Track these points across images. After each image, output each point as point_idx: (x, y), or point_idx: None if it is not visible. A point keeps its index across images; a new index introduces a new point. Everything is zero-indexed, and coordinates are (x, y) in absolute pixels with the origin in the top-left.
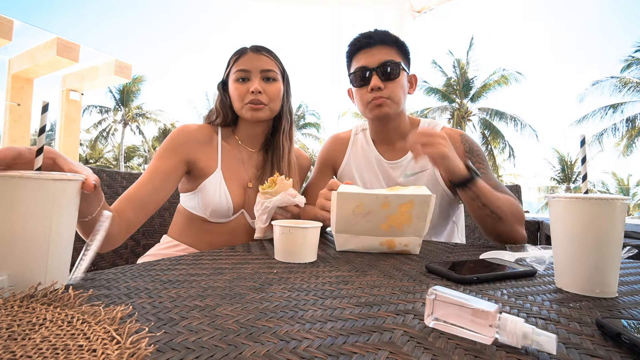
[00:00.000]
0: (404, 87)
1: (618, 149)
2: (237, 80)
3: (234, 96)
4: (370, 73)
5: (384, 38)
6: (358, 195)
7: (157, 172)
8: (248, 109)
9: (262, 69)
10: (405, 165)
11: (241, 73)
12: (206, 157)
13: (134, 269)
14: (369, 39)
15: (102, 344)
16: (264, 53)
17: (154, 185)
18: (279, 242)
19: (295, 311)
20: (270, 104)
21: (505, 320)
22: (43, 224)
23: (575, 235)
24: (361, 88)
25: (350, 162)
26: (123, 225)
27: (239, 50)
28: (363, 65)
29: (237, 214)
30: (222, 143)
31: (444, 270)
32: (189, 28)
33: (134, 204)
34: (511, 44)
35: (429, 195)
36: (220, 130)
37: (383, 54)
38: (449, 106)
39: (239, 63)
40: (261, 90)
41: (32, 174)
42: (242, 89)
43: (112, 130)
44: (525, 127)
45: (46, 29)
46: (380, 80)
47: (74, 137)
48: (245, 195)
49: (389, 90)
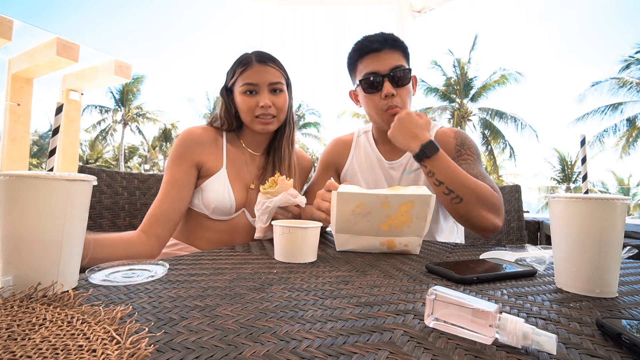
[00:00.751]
0: (411, 92)
1: (618, 148)
2: (244, 93)
3: (243, 108)
4: (382, 79)
5: (392, 42)
6: (358, 195)
7: (172, 184)
8: (258, 122)
9: (270, 82)
10: (405, 164)
11: (249, 87)
12: (213, 158)
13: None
14: (377, 43)
15: (102, 344)
16: (270, 64)
17: (173, 197)
18: (279, 242)
19: (295, 311)
20: (279, 115)
21: (505, 320)
22: (56, 223)
23: (575, 235)
24: (373, 94)
25: (353, 165)
26: (153, 241)
27: (243, 60)
28: (373, 70)
29: (238, 213)
30: (227, 145)
31: (444, 270)
32: (189, 28)
33: (159, 220)
34: (511, 43)
35: (429, 195)
36: (225, 134)
37: (392, 59)
38: (449, 106)
39: (246, 76)
40: (271, 104)
41: (45, 174)
42: (251, 102)
43: (112, 130)
44: (525, 127)
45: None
46: (392, 87)
47: (73, 137)
48: (247, 195)
49: (401, 96)
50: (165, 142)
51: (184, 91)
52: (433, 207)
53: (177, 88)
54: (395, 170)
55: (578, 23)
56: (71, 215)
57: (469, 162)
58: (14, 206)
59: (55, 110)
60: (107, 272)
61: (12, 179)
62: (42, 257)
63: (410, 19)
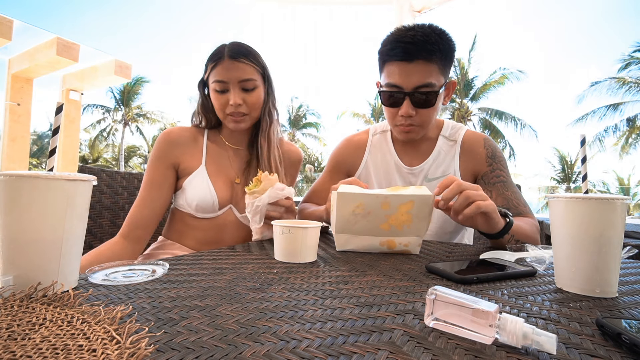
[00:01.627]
0: (438, 109)
1: (618, 148)
2: (215, 91)
3: (215, 106)
4: (403, 97)
5: (426, 52)
6: (358, 195)
7: (150, 185)
8: (230, 120)
9: (240, 79)
10: (426, 170)
11: (219, 84)
12: (190, 157)
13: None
14: (407, 51)
15: (102, 344)
16: (242, 59)
17: (152, 197)
18: (279, 242)
19: (295, 311)
20: (251, 113)
21: (505, 320)
22: (56, 223)
23: (575, 235)
24: (391, 108)
25: (368, 168)
26: (134, 244)
27: (216, 55)
28: (397, 84)
29: (225, 209)
30: (207, 143)
31: (444, 270)
32: (189, 28)
33: (138, 222)
34: (511, 43)
35: (429, 195)
36: (207, 131)
37: (422, 73)
38: (449, 106)
39: (217, 72)
40: (241, 102)
41: (45, 174)
42: (222, 99)
43: (112, 130)
44: (525, 127)
45: (46, 29)
46: (413, 107)
47: (73, 136)
48: (232, 191)
49: (421, 117)
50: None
51: (184, 91)
52: (433, 207)
53: (177, 88)
54: (416, 176)
55: (579, 22)
56: (71, 215)
57: (502, 181)
58: (14, 206)
59: (55, 110)
60: (107, 272)
61: (12, 179)
62: (42, 257)
63: (410, 19)
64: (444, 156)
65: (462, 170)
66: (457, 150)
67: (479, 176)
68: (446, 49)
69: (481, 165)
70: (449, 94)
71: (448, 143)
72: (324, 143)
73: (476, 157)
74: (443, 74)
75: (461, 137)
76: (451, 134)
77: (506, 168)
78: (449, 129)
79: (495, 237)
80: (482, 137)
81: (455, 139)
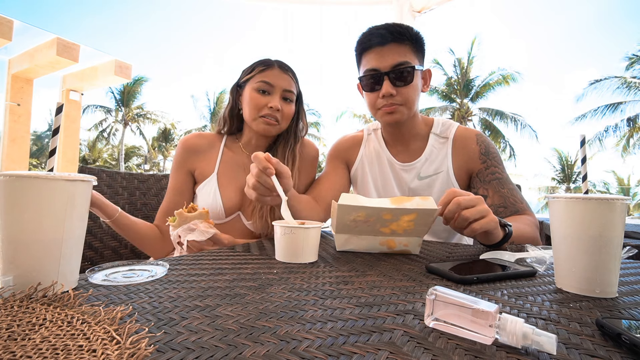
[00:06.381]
0: (418, 89)
1: (618, 148)
2: (257, 91)
3: (250, 105)
4: (381, 77)
5: (397, 35)
6: (359, 207)
7: (174, 191)
8: (262, 122)
9: (285, 88)
10: (419, 168)
11: (264, 85)
12: (205, 164)
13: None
14: (380, 36)
15: (102, 344)
16: (289, 73)
17: (175, 202)
18: (280, 242)
19: (295, 311)
20: (282, 123)
21: (505, 320)
22: (56, 224)
23: (575, 235)
24: (372, 92)
25: (363, 162)
26: (165, 236)
27: (265, 61)
28: (374, 67)
29: (233, 216)
30: (223, 149)
31: (444, 270)
32: (189, 27)
33: (163, 228)
34: (511, 43)
35: (434, 209)
36: (225, 138)
37: (396, 54)
38: (449, 106)
39: (265, 75)
40: (280, 107)
41: (45, 174)
42: (262, 100)
43: (112, 130)
44: (525, 127)
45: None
46: (392, 86)
47: (73, 137)
48: (242, 198)
49: (402, 95)
50: (165, 142)
51: (184, 91)
52: (436, 217)
53: (177, 88)
54: (408, 172)
55: (579, 22)
56: (71, 216)
57: (498, 178)
58: (14, 206)
59: (55, 110)
60: (107, 272)
61: (12, 179)
62: (42, 257)
63: (410, 19)
64: (437, 154)
65: (456, 168)
66: (449, 147)
67: (473, 173)
68: (415, 37)
69: (475, 162)
70: (427, 82)
71: (439, 140)
72: (324, 143)
73: (469, 154)
74: (417, 57)
75: (452, 134)
76: (442, 131)
77: (501, 164)
78: (440, 126)
79: (494, 247)
80: (475, 133)
81: (447, 136)
